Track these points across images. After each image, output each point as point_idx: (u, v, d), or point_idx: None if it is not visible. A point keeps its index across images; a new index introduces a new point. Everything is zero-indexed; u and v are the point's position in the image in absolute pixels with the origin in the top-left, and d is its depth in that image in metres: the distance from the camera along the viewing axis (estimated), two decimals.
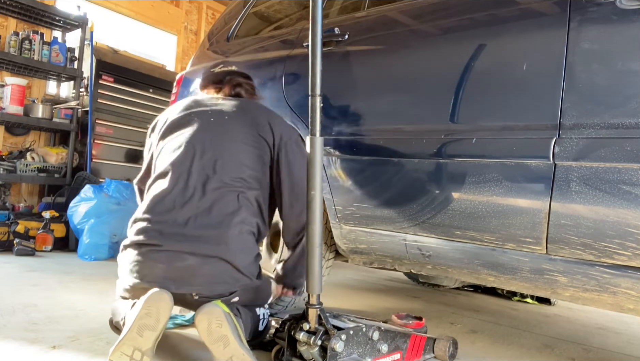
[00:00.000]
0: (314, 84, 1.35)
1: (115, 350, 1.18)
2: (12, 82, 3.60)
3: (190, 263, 1.36)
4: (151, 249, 1.38)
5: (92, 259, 3.01)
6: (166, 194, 1.45)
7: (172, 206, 1.43)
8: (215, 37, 2.84)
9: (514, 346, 1.89)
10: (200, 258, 1.36)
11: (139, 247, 1.40)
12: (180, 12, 5.59)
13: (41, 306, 1.84)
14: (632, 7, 1.24)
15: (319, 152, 1.35)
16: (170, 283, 1.34)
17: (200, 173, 1.47)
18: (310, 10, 1.34)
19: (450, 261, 1.61)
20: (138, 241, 1.41)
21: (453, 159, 1.55)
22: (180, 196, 1.44)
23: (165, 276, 1.35)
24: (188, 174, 1.47)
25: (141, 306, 1.20)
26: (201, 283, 1.37)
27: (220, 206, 1.44)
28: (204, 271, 1.37)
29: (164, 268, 1.36)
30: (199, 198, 1.44)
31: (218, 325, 1.20)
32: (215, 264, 1.37)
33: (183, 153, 1.51)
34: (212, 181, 1.46)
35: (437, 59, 1.68)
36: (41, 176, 3.72)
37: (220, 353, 1.19)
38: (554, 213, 1.32)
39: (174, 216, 1.41)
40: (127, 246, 1.44)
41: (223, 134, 1.55)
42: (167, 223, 1.41)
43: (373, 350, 1.38)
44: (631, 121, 1.21)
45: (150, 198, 1.48)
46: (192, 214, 1.41)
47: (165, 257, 1.36)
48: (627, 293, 1.28)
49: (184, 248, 1.36)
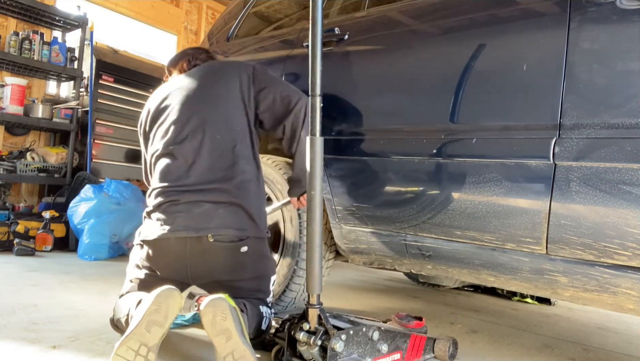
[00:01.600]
0: (314, 84, 1.35)
1: (122, 344, 1.18)
2: (12, 82, 3.60)
3: (205, 208, 1.51)
4: (171, 204, 1.53)
5: (92, 259, 3.01)
6: (172, 166, 1.58)
7: (180, 174, 1.57)
8: (215, 37, 2.84)
9: (514, 346, 1.89)
10: (214, 203, 1.52)
11: (160, 206, 1.54)
12: (180, 12, 5.59)
13: (41, 306, 1.84)
14: (632, 7, 1.24)
15: (319, 152, 1.35)
16: (190, 229, 1.48)
17: (193, 140, 1.59)
18: (310, 10, 1.34)
19: (451, 261, 1.61)
20: (158, 203, 1.55)
21: (453, 159, 1.55)
22: (184, 165, 1.57)
23: (185, 225, 1.49)
24: (184, 145, 1.59)
25: (151, 301, 1.22)
26: (216, 225, 1.50)
27: (220, 162, 1.58)
28: (218, 213, 1.51)
29: (184, 216, 1.50)
30: (200, 162, 1.57)
31: (222, 317, 1.22)
32: (227, 207, 1.53)
33: (174, 130, 1.62)
34: (206, 143, 1.59)
35: (437, 59, 1.68)
36: (41, 176, 3.72)
37: (222, 347, 1.20)
38: (554, 213, 1.32)
39: (183, 181, 1.55)
40: (149, 212, 1.58)
41: (201, 97, 1.67)
42: (180, 186, 1.55)
43: (373, 350, 1.38)
44: (631, 121, 1.21)
45: (159, 172, 1.61)
46: (197, 175, 1.55)
47: (184, 207, 1.51)
48: (627, 293, 1.28)
49: (199, 197, 1.52)
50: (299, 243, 1.93)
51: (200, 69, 1.79)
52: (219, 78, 1.70)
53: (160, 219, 1.52)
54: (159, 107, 1.71)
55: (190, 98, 1.67)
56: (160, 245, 1.51)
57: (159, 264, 1.54)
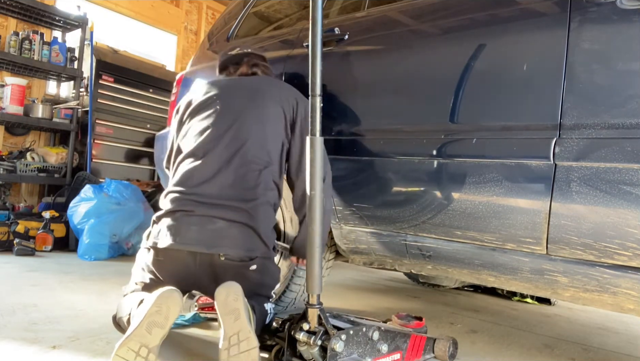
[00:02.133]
0: (314, 84, 1.35)
1: (122, 345, 1.18)
2: (12, 82, 3.60)
3: (219, 225, 1.49)
4: (185, 214, 1.51)
5: (92, 259, 3.01)
6: (195, 170, 1.57)
7: (202, 181, 1.55)
8: (215, 37, 2.84)
9: (514, 346, 1.89)
10: (228, 222, 1.50)
11: (173, 213, 1.52)
12: (180, 12, 5.59)
13: (41, 306, 1.84)
14: (632, 7, 1.24)
15: (319, 152, 1.35)
16: (202, 245, 1.47)
17: (226, 151, 1.58)
18: (310, 10, 1.34)
19: (451, 261, 1.61)
20: (172, 209, 1.53)
21: (453, 160, 1.55)
22: (208, 172, 1.56)
23: (197, 238, 1.48)
24: (215, 153, 1.58)
25: (152, 303, 1.22)
26: (228, 245, 1.49)
27: (243, 181, 1.56)
28: (231, 233, 1.50)
29: (196, 230, 1.49)
30: (225, 174, 1.56)
31: (235, 298, 1.26)
32: (240, 228, 1.51)
33: (211, 133, 1.61)
34: (236, 159, 1.58)
35: (437, 59, 1.68)
36: (41, 176, 3.72)
37: (230, 325, 1.23)
38: (555, 213, 1.32)
39: (203, 189, 1.54)
40: (161, 216, 1.55)
41: (247, 112, 1.64)
42: (198, 195, 1.53)
43: (373, 350, 1.38)
44: (631, 121, 1.21)
45: (181, 173, 1.59)
46: (219, 188, 1.54)
47: (198, 220, 1.50)
48: (627, 293, 1.27)
49: (214, 213, 1.50)
50: None
51: (256, 81, 1.77)
52: (271, 100, 1.68)
53: (172, 228, 1.50)
54: (202, 102, 1.69)
55: (237, 108, 1.65)
56: (170, 254, 1.50)
57: (166, 272, 1.52)
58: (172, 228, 1.50)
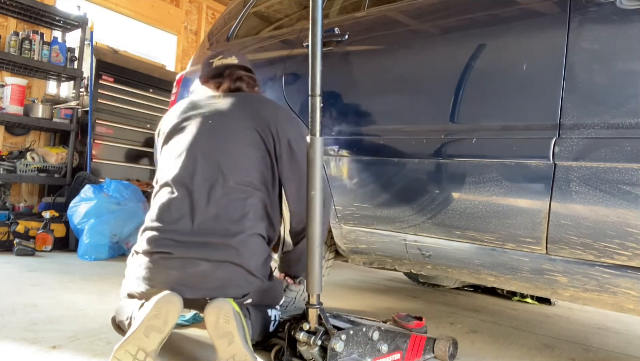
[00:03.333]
0: (314, 84, 1.35)
1: (120, 348, 1.18)
2: (12, 82, 3.60)
3: (202, 268, 1.36)
4: (163, 256, 1.38)
5: (92, 259, 3.01)
6: (172, 203, 1.44)
7: (180, 215, 1.42)
8: (215, 37, 2.84)
9: (514, 346, 1.89)
10: (212, 263, 1.36)
11: (151, 255, 1.40)
12: (180, 12, 5.59)
13: (41, 306, 1.84)
14: (632, 7, 1.24)
15: (319, 152, 1.35)
16: (184, 289, 1.34)
17: (204, 180, 1.45)
18: (310, 10, 1.34)
19: (451, 261, 1.61)
20: (149, 250, 1.40)
21: (453, 159, 1.55)
22: (186, 205, 1.43)
23: (178, 283, 1.35)
24: (192, 183, 1.45)
25: (151, 307, 1.21)
26: (214, 287, 1.37)
27: (227, 213, 1.42)
28: (217, 275, 1.37)
29: (176, 275, 1.36)
30: (205, 206, 1.42)
31: (225, 320, 1.21)
32: (227, 268, 1.38)
33: (184, 161, 1.48)
34: (217, 188, 1.44)
35: (437, 59, 1.68)
36: (41, 176, 3.72)
37: (224, 350, 1.20)
38: (554, 213, 1.32)
39: (182, 226, 1.41)
40: (138, 253, 1.45)
41: (223, 137, 1.50)
42: (176, 232, 1.40)
43: (373, 350, 1.38)
44: (631, 121, 1.21)
45: (157, 206, 1.46)
46: (199, 222, 1.41)
47: (178, 264, 1.36)
48: (627, 293, 1.28)
49: (195, 254, 1.36)
50: None
51: (237, 101, 1.59)
52: (252, 122, 1.53)
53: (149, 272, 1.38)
54: (179, 123, 1.57)
55: (215, 132, 1.51)
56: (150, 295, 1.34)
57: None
58: (149, 271, 1.38)
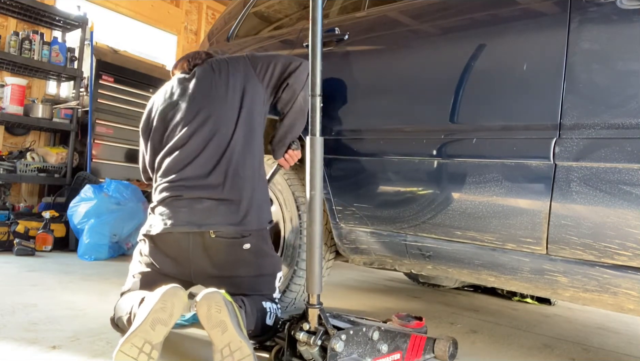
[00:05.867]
0: (314, 84, 1.35)
1: (126, 341, 1.18)
2: (12, 82, 3.60)
3: (207, 205, 1.53)
4: (174, 199, 1.55)
5: (92, 259, 3.01)
6: (177, 158, 1.60)
7: (184, 165, 1.58)
8: (215, 37, 2.84)
9: (514, 346, 1.89)
10: (215, 200, 1.54)
11: (163, 201, 1.57)
12: (180, 12, 5.59)
13: (41, 306, 1.84)
14: (632, 7, 1.24)
15: (319, 152, 1.35)
16: (193, 225, 1.50)
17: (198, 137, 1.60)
18: (310, 10, 1.34)
19: (451, 261, 1.61)
20: (162, 198, 1.57)
21: (453, 160, 1.55)
22: (189, 156, 1.59)
23: (187, 220, 1.51)
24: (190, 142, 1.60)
25: (157, 299, 1.22)
26: (218, 222, 1.52)
27: (223, 158, 1.58)
28: (220, 210, 1.53)
29: (186, 212, 1.52)
30: (203, 155, 1.59)
31: (217, 310, 1.22)
32: (229, 205, 1.55)
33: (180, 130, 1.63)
34: (211, 140, 1.60)
35: (437, 59, 1.68)
36: (41, 176, 3.72)
37: (219, 339, 1.21)
38: (555, 213, 1.32)
39: (187, 173, 1.57)
40: (154, 207, 1.60)
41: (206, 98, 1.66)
42: (184, 179, 1.57)
43: (373, 350, 1.38)
44: (631, 121, 1.21)
45: (164, 165, 1.62)
46: (202, 168, 1.57)
47: (186, 203, 1.54)
48: (627, 293, 1.27)
49: (200, 194, 1.54)
50: (299, 243, 1.93)
51: (202, 68, 1.79)
52: (221, 74, 1.70)
53: (164, 213, 1.54)
54: (164, 107, 1.72)
55: (195, 95, 1.68)
56: (164, 240, 1.53)
57: (162, 259, 1.55)
58: (163, 214, 1.54)
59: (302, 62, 1.73)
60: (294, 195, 1.99)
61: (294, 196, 1.99)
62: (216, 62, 1.79)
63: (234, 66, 1.73)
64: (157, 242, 1.55)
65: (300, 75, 1.71)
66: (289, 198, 2.00)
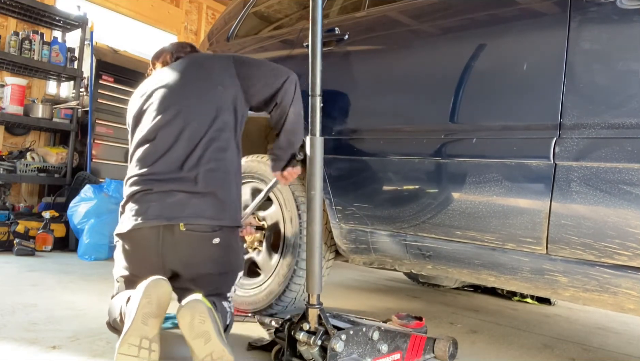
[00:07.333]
0: (314, 84, 1.35)
1: (122, 343, 1.18)
2: (12, 82, 3.60)
3: (179, 197, 1.49)
4: (144, 193, 1.51)
5: (92, 259, 3.01)
6: (148, 151, 1.57)
7: (156, 159, 1.55)
8: (215, 37, 2.84)
9: (514, 346, 1.89)
10: (187, 193, 1.50)
11: (133, 196, 1.53)
12: (180, 12, 5.59)
13: (41, 306, 1.84)
14: (632, 7, 1.24)
15: (319, 152, 1.35)
16: (163, 218, 1.46)
17: (171, 129, 1.57)
18: (310, 10, 1.35)
19: (451, 261, 1.61)
20: (132, 192, 1.53)
21: (453, 159, 1.55)
22: (161, 150, 1.55)
23: (158, 214, 1.47)
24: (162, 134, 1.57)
25: (141, 295, 1.22)
26: (189, 214, 1.47)
27: (198, 150, 1.54)
28: (192, 203, 1.49)
29: (156, 206, 1.48)
30: (176, 148, 1.55)
31: (201, 321, 1.21)
32: (202, 197, 1.51)
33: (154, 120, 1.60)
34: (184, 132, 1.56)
35: (437, 59, 1.68)
36: (41, 176, 3.72)
37: (201, 349, 1.21)
38: (555, 213, 1.32)
39: (158, 167, 1.54)
40: (125, 203, 1.56)
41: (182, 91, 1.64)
42: (154, 173, 1.53)
43: (373, 350, 1.38)
44: (632, 121, 1.21)
45: (136, 158, 1.58)
46: (174, 161, 1.54)
47: (157, 196, 1.49)
48: (627, 293, 1.27)
49: (172, 187, 1.50)
50: (299, 243, 1.93)
51: (182, 61, 1.77)
52: (201, 68, 1.69)
53: (133, 209, 1.50)
54: (143, 102, 1.70)
55: (172, 88, 1.66)
56: (134, 237, 1.49)
57: (135, 259, 1.51)
58: (133, 210, 1.49)
59: (288, 76, 1.70)
60: (293, 195, 1.99)
61: (293, 196, 1.98)
62: (199, 57, 1.78)
63: (217, 63, 1.72)
64: (129, 240, 1.50)
65: (287, 92, 1.68)
66: (288, 198, 2.00)
